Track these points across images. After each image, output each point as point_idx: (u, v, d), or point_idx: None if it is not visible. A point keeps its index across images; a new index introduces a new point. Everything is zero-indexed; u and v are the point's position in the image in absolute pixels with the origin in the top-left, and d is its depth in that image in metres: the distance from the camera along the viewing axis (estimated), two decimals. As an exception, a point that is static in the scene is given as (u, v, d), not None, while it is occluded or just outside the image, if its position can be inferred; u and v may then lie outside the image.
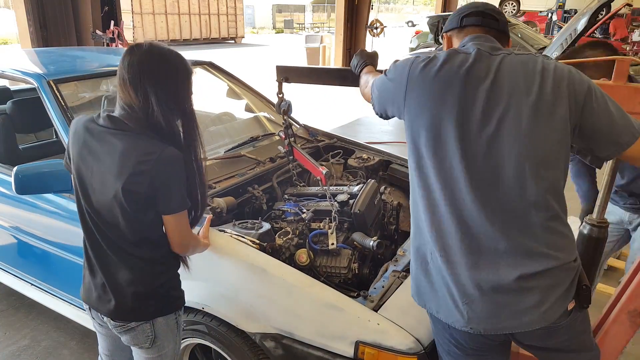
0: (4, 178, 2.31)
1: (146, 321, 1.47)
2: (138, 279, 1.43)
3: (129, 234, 1.39)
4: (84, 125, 1.40)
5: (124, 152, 1.31)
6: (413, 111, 1.28)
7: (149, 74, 1.33)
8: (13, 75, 2.40)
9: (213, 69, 3.10)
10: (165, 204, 1.36)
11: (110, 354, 1.70)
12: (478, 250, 1.20)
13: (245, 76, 3.53)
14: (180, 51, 1.44)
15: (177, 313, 1.55)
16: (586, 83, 1.23)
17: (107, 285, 1.44)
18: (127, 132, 1.34)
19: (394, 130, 7.18)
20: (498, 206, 1.19)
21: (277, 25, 42.13)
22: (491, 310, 1.21)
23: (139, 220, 1.38)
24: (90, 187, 1.39)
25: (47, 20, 5.71)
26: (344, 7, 11.82)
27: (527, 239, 1.19)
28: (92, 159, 1.37)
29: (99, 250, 1.44)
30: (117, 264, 1.43)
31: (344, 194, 2.12)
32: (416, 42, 12.74)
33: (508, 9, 16.61)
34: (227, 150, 2.47)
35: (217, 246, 1.75)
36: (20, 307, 2.91)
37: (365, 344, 1.49)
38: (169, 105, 1.36)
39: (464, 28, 1.41)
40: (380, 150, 2.87)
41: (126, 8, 19.28)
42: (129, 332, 1.48)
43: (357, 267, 1.85)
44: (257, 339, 1.62)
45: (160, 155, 1.31)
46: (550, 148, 1.20)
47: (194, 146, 1.45)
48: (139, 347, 1.52)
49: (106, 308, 1.45)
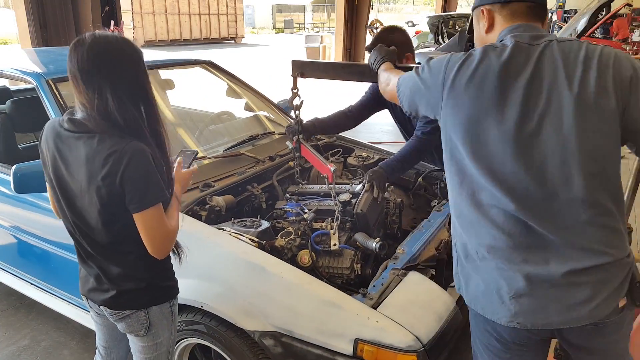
0: (3, 177, 2.31)
1: (141, 309, 1.49)
2: (129, 273, 1.45)
3: (113, 234, 1.38)
4: (53, 131, 1.38)
5: (88, 157, 1.30)
6: (450, 112, 1.24)
7: (100, 67, 1.28)
8: (12, 74, 2.41)
9: (213, 68, 3.10)
10: (137, 201, 1.30)
11: (107, 346, 1.71)
12: (527, 246, 1.18)
13: (245, 76, 3.53)
14: (180, 51, 1.45)
15: (172, 302, 1.56)
16: (631, 69, 1.16)
17: (101, 276, 1.46)
18: (90, 134, 1.31)
19: (394, 130, 7.17)
20: (546, 203, 1.16)
21: (277, 25, 42.17)
22: (540, 305, 1.18)
23: (120, 220, 1.36)
24: (70, 192, 1.38)
25: (47, 20, 5.71)
26: (344, 7, 11.83)
27: (576, 235, 1.16)
28: (65, 165, 1.36)
29: (86, 250, 1.45)
30: (106, 261, 1.44)
31: (346, 193, 2.10)
32: (416, 42, 12.73)
33: (508, 8, 16.55)
34: (227, 149, 2.47)
35: (216, 244, 1.75)
36: (20, 307, 2.91)
37: (365, 341, 1.49)
38: (128, 95, 1.32)
39: (508, 4, 1.29)
40: (380, 149, 2.86)
41: (126, 8, 19.29)
42: (124, 320, 1.50)
43: (360, 268, 1.84)
44: (256, 337, 1.62)
45: (122, 152, 1.27)
46: (597, 142, 1.14)
47: (159, 133, 1.40)
48: (134, 334, 1.54)
49: (101, 298, 1.48)
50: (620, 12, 11.27)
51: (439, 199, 2.40)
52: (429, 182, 2.54)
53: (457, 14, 12.08)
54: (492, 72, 1.18)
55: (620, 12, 11.16)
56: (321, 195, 2.21)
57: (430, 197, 2.50)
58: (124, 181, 1.28)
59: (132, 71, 1.33)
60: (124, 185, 1.29)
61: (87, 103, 1.30)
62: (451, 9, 16.14)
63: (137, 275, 1.46)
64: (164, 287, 1.53)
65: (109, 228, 1.37)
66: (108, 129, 1.30)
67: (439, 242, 2.01)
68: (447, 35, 10.46)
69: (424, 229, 2.04)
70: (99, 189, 1.30)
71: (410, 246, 1.90)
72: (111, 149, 1.28)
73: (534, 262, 1.18)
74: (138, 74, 1.35)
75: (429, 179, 2.53)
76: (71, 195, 1.38)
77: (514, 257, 1.19)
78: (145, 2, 20.98)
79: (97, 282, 1.48)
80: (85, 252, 1.46)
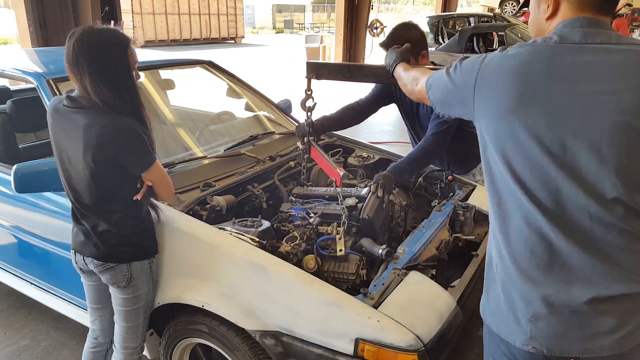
0: (4, 177, 2.31)
1: (123, 263, 1.70)
2: (114, 230, 1.67)
3: (102, 195, 1.62)
4: (53, 107, 1.65)
5: (86, 127, 1.52)
6: (483, 117, 1.16)
7: (83, 58, 1.50)
8: (13, 74, 2.41)
9: (213, 68, 3.10)
10: (138, 165, 1.59)
11: (97, 306, 1.89)
12: (550, 266, 1.09)
13: (245, 76, 3.53)
14: (180, 51, 1.48)
15: (151, 260, 1.77)
16: None
17: (90, 232, 1.68)
18: (86, 109, 1.54)
19: (394, 130, 7.18)
20: (576, 223, 1.07)
21: (277, 25, 42.15)
22: (559, 331, 1.10)
23: (110, 183, 1.61)
24: (67, 159, 1.63)
25: (47, 20, 5.70)
26: (344, 7, 11.83)
27: (605, 259, 1.07)
28: (64, 135, 1.61)
29: (80, 210, 1.68)
30: (95, 218, 1.67)
31: (352, 197, 2.07)
32: (416, 41, 12.70)
33: (508, 8, 16.59)
34: (227, 149, 2.47)
35: (217, 244, 1.75)
36: (20, 307, 2.91)
37: (366, 341, 1.48)
38: (108, 84, 1.52)
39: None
40: (380, 149, 2.86)
41: (126, 8, 19.29)
42: (108, 271, 1.70)
43: (365, 274, 1.82)
44: (257, 336, 1.62)
45: (114, 126, 1.52)
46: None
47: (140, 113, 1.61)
48: (116, 286, 1.73)
49: (90, 251, 1.70)
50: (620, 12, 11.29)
51: (439, 199, 2.40)
52: (429, 182, 2.53)
53: (457, 14, 12.09)
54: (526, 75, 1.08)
55: (620, 12, 11.18)
56: (326, 198, 2.19)
57: (431, 197, 2.50)
58: (121, 151, 1.54)
59: (112, 61, 1.54)
60: (122, 154, 1.54)
61: (77, 84, 1.56)
62: (451, 9, 16.15)
63: (121, 232, 1.68)
64: (144, 245, 1.75)
65: (99, 189, 1.61)
66: (97, 107, 1.53)
67: (439, 242, 2.01)
68: (447, 35, 10.45)
69: (425, 229, 2.04)
70: (93, 155, 1.53)
71: (411, 246, 1.90)
72: (105, 122, 1.52)
73: (556, 284, 1.09)
74: (117, 63, 1.55)
75: (429, 179, 2.53)
76: (68, 161, 1.63)
77: (535, 275, 1.11)
78: (145, 2, 20.98)
79: (87, 237, 1.70)
80: (79, 212, 1.69)
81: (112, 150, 1.53)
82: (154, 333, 2.03)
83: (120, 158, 1.55)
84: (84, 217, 1.69)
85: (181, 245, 1.81)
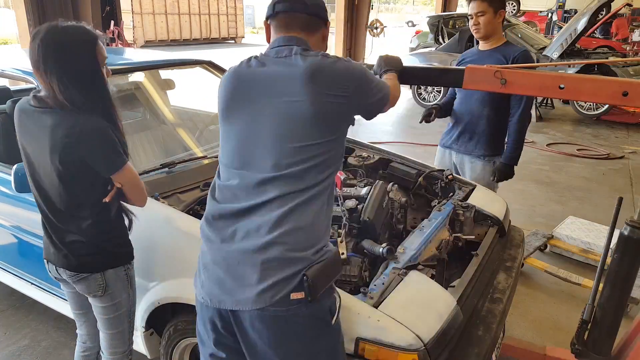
0: (4, 177, 2.31)
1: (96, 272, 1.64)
2: (84, 239, 1.61)
3: (71, 199, 1.56)
4: (20, 108, 1.58)
5: (53, 128, 1.46)
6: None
7: (48, 58, 1.43)
8: (13, 74, 2.40)
9: (213, 68, 3.10)
10: (107, 167, 1.52)
11: (82, 312, 1.86)
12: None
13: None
14: (180, 51, 1.48)
15: (126, 266, 1.71)
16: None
17: (59, 243, 1.62)
18: (52, 109, 1.48)
19: (394, 130, 7.18)
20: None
21: (277, 26, 42.06)
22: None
23: (79, 186, 1.54)
24: (34, 162, 1.57)
25: (47, 20, 5.67)
26: (344, 7, 11.81)
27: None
28: (30, 137, 1.55)
29: (48, 217, 1.62)
30: (64, 227, 1.61)
31: (352, 199, 2.07)
32: (416, 42, 12.73)
33: (508, 8, 16.59)
34: (227, 149, 2.46)
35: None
36: (20, 307, 2.91)
37: (366, 340, 1.48)
38: (76, 85, 1.46)
39: (276, 15, 1.42)
40: (380, 149, 2.86)
41: (126, 8, 19.26)
42: (82, 282, 1.65)
43: (368, 275, 1.83)
44: (257, 336, 1.62)
45: (83, 127, 1.46)
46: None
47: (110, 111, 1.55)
48: (92, 295, 1.69)
49: (61, 262, 1.64)
50: (620, 12, 11.28)
51: (439, 199, 2.40)
52: (429, 182, 2.53)
53: (457, 14, 12.07)
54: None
55: (620, 12, 11.18)
56: None
57: (431, 197, 2.50)
58: (88, 153, 1.47)
59: (79, 60, 1.47)
60: (89, 156, 1.48)
61: (43, 85, 1.49)
62: (451, 9, 16.13)
63: (91, 241, 1.62)
64: (117, 253, 1.69)
65: (67, 193, 1.54)
66: (65, 107, 1.46)
67: (439, 241, 2.01)
68: (447, 35, 10.44)
69: (425, 228, 2.04)
70: (60, 157, 1.46)
71: (411, 246, 1.90)
72: (72, 123, 1.45)
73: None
74: (85, 62, 1.48)
75: (429, 179, 2.53)
76: (34, 164, 1.57)
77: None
78: (145, 2, 20.95)
79: (56, 248, 1.64)
80: (47, 222, 1.63)
81: (80, 151, 1.47)
82: (154, 333, 2.03)
83: (89, 160, 1.49)
84: (52, 226, 1.63)
85: (181, 245, 1.81)
